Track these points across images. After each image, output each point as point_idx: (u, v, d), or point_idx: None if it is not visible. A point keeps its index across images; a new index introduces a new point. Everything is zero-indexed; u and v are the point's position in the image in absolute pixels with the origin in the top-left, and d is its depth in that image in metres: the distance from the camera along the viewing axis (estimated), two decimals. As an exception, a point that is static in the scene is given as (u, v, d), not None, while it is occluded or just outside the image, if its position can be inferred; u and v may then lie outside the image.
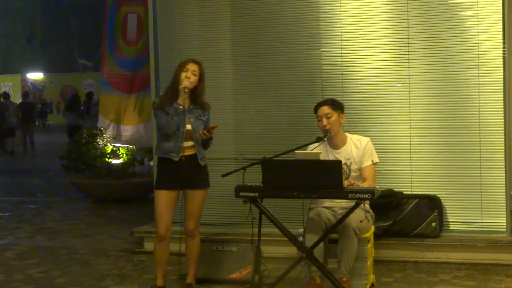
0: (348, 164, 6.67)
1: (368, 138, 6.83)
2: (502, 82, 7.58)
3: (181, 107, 6.36)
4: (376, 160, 6.77)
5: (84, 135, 13.18)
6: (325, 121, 6.65)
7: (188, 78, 6.42)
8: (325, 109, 6.68)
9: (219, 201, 8.19)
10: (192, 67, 6.49)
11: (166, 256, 6.63)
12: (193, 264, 6.71)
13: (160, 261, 6.61)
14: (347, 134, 6.85)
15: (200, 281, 6.91)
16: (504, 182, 7.63)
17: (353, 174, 6.68)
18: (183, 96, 6.38)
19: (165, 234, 6.50)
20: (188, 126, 6.46)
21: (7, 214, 12.14)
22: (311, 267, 6.30)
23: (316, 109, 6.78)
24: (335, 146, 6.77)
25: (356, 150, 6.73)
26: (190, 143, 6.48)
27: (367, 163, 6.70)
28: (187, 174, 6.48)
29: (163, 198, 6.49)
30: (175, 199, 6.54)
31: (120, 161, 12.98)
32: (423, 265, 7.56)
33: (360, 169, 6.70)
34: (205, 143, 6.54)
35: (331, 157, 6.71)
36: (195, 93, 6.53)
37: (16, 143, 26.37)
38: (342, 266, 6.33)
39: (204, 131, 6.39)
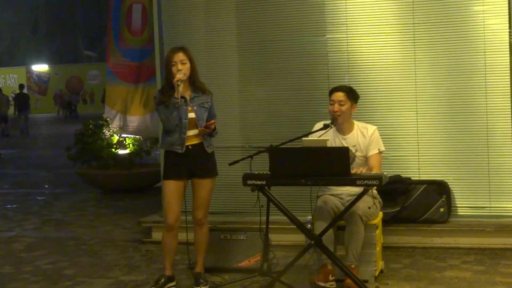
0: (354, 151, 6.66)
1: (375, 127, 6.82)
2: (509, 66, 7.56)
3: (178, 100, 6.30)
4: (382, 149, 6.75)
5: (90, 125, 13.16)
6: (337, 106, 6.63)
7: (180, 70, 6.36)
8: (340, 96, 6.67)
9: (226, 190, 8.19)
10: (179, 57, 6.39)
11: (174, 246, 6.61)
12: (201, 253, 6.70)
13: (168, 251, 6.60)
14: (354, 121, 6.83)
15: (209, 270, 6.91)
16: (512, 166, 7.63)
17: (357, 161, 6.67)
18: (177, 90, 6.31)
19: (173, 224, 6.49)
20: (192, 115, 6.42)
21: (14, 206, 12.16)
22: (321, 254, 6.30)
23: (331, 92, 6.77)
24: (342, 132, 6.76)
25: (362, 138, 6.72)
26: (195, 132, 6.45)
27: (373, 151, 6.69)
28: (194, 163, 6.46)
29: (171, 188, 6.47)
30: (183, 189, 6.52)
31: (127, 151, 12.98)
32: (432, 250, 7.56)
33: (365, 157, 6.70)
34: (210, 134, 6.52)
35: (337, 143, 6.71)
36: (191, 78, 6.50)
37: (13, 128, 30.09)
38: (350, 253, 6.33)
39: (203, 128, 6.36)
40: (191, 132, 6.42)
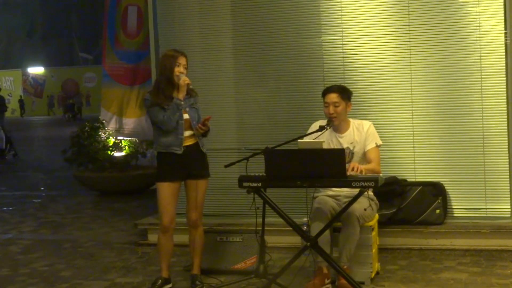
0: (351, 148, 6.66)
1: (370, 122, 6.82)
2: (504, 67, 7.55)
3: (182, 102, 6.34)
4: (380, 142, 6.74)
5: (86, 128, 13.15)
6: (332, 109, 6.63)
7: (182, 73, 6.39)
8: (334, 97, 6.65)
9: (222, 192, 8.19)
10: (183, 61, 6.45)
11: (170, 248, 6.61)
12: (197, 255, 6.70)
13: (164, 253, 6.60)
14: (350, 119, 6.83)
15: (205, 272, 6.91)
16: (508, 168, 7.63)
17: (355, 157, 6.67)
18: (183, 92, 6.35)
19: (169, 226, 6.49)
20: (186, 116, 6.44)
21: (11, 208, 12.14)
22: (316, 256, 6.29)
23: (324, 94, 6.76)
24: (338, 130, 6.76)
25: (358, 134, 6.72)
26: (189, 133, 6.47)
27: (371, 145, 6.68)
28: (191, 164, 6.46)
29: (166, 190, 6.47)
30: (178, 190, 6.52)
31: (123, 153, 12.97)
32: (428, 252, 7.56)
33: (363, 153, 6.69)
34: (204, 133, 6.52)
35: (334, 141, 6.71)
36: None
37: None
38: (344, 255, 6.33)
39: (200, 125, 6.38)
40: (186, 133, 6.44)
